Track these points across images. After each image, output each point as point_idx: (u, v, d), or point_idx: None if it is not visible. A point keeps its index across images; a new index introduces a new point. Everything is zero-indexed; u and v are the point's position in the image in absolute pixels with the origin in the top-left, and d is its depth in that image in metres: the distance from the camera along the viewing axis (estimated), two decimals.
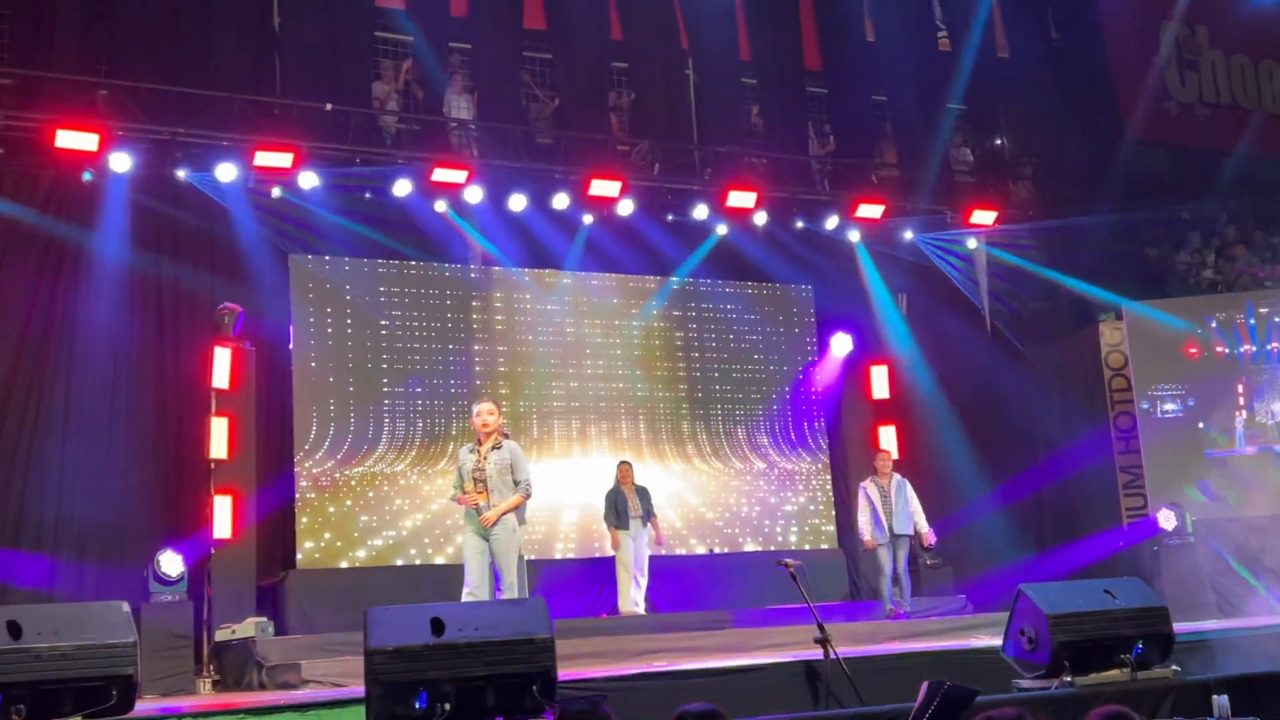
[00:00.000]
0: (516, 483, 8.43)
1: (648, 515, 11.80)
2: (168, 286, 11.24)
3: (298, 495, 11.63)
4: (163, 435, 11.09)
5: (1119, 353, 14.05)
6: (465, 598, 8.27)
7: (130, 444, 10.84)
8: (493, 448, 8.44)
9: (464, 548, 8.56)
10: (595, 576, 12.27)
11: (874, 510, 11.61)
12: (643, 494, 11.90)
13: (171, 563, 10.07)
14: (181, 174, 11.13)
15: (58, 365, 10.72)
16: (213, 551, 10.66)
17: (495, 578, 8.35)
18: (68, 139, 10.43)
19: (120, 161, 10.71)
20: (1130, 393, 13.88)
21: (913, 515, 11.69)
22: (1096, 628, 6.68)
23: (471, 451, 8.52)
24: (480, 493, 8.36)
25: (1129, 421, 13.88)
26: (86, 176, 10.77)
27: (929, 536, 11.81)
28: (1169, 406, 13.83)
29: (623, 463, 12.06)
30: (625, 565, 11.64)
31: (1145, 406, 13.80)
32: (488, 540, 8.34)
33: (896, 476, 11.83)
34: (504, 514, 8.33)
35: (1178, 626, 7.08)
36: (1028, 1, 14.84)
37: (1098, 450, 13.95)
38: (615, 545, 11.66)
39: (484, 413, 8.52)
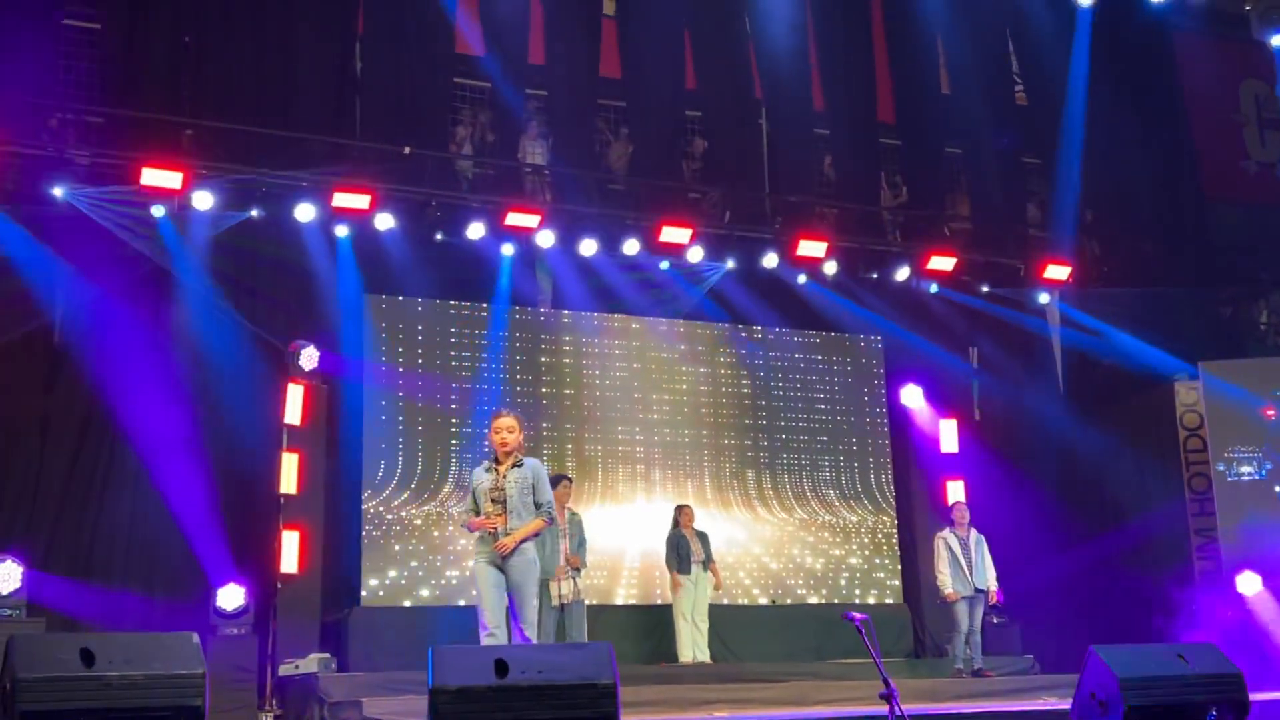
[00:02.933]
0: (538, 505, 7.51)
1: (708, 560, 11.73)
2: (244, 323, 11.41)
3: (364, 532, 11.71)
4: (234, 469, 11.23)
5: (1194, 413, 13.81)
6: (485, 642, 7.32)
7: (202, 477, 10.97)
8: (513, 465, 7.52)
9: (477, 583, 7.57)
10: (657, 623, 12.20)
11: (955, 561, 11.41)
12: (703, 539, 11.83)
13: (230, 597, 10.17)
14: (261, 213, 11.33)
15: (134, 397, 10.88)
16: (279, 586, 10.76)
17: (512, 616, 7.45)
18: (153, 177, 10.68)
19: (202, 199, 10.95)
20: (1206, 454, 13.62)
21: (986, 571, 11.52)
22: (1169, 693, 6.52)
23: (488, 470, 7.57)
24: (498, 515, 7.42)
25: (1204, 484, 13.61)
26: (158, 212, 10.98)
27: (996, 595, 11.62)
28: (1245, 469, 13.55)
29: (685, 507, 11.99)
30: (684, 614, 11.55)
31: (1221, 468, 13.53)
32: (503, 571, 7.44)
33: (974, 530, 11.66)
34: (523, 540, 7.43)
35: (1254, 695, 6.91)
36: (1106, 57, 14.74)
37: (1171, 512, 13.68)
38: (676, 589, 11.57)
39: (502, 429, 7.53)
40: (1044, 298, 14.29)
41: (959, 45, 14.61)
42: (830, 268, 13.32)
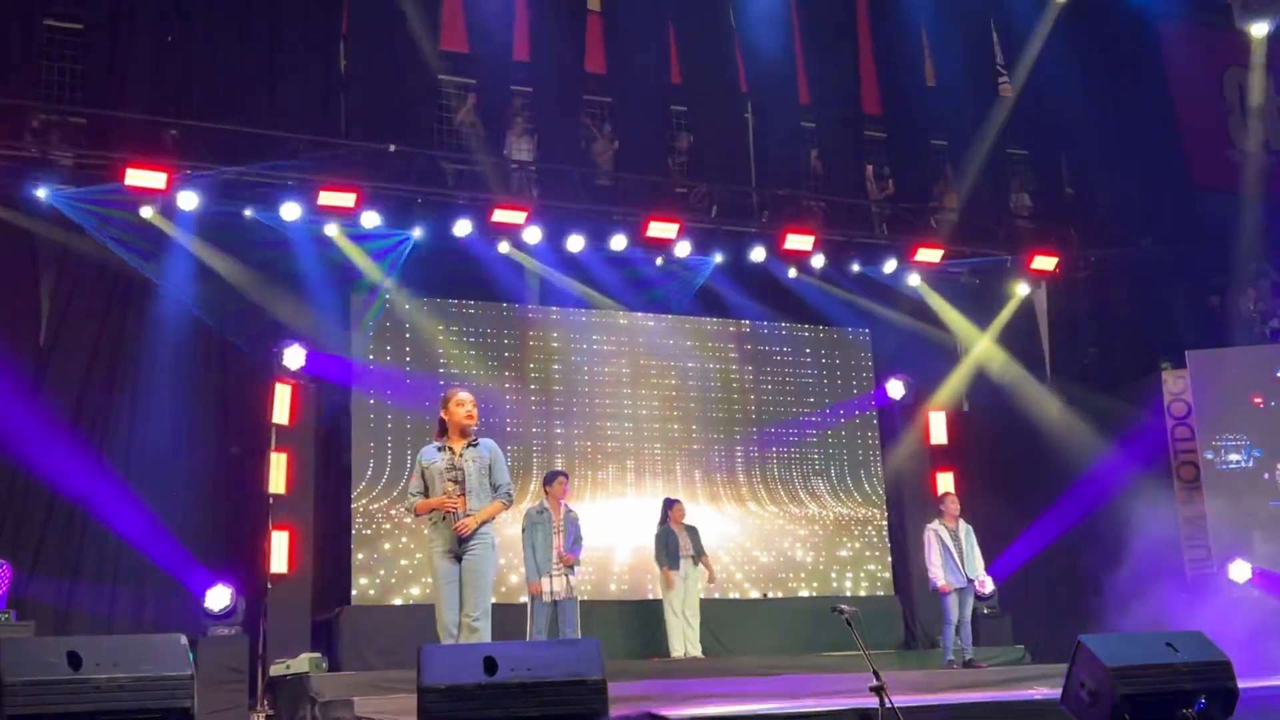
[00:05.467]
0: (495, 487, 7.20)
1: (698, 554, 11.71)
2: (231, 322, 11.39)
3: (354, 531, 11.70)
4: (223, 469, 11.22)
5: (1182, 401, 13.83)
6: (444, 642, 6.99)
7: (191, 477, 10.97)
8: (469, 445, 7.23)
9: (434, 581, 7.16)
10: (648, 618, 12.20)
11: (946, 553, 11.42)
12: (692, 533, 11.81)
13: (216, 598, 10.16)
14: (248, 213, 11.30)
15: (121, 398, 10.91)
16: (269, 586, 10.76)
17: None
18: (137, 177, 10.65)
19: (187, 199, 10.91)
20: (1194, 442, 13.64)
21: (976, 561, 11.53)
22: (1159, 681, 6.52)
23: (441, 449, 7.24)
24: (457, 496, 7.11)
25: (1192, 472, 13.64)
26: (146, 213, 10.96)
27: (981, 584, 11.62)
28: (1234, 457, 13.57)
29: (676, 502, 11.97)
30: (674, 608, 11.55)
31: (1209, 456, 13.56)
32: (460, 558, 7.07)
33: (962, 521, 11.67)
34: (483, 522, 7.11)
35: (1243, 683, 6.92)
36: (1092, 46, 14.76)
37: (1160, 501, 13.71)
38: (669, 585, 11.56)
39: (468, 403, 7.23)
40: (1023, 288, 14.31)
41: (943, 37, 14.64)
42: (818, 261, 13.33)
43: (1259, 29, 11.81)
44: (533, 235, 12.21)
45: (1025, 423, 13.95)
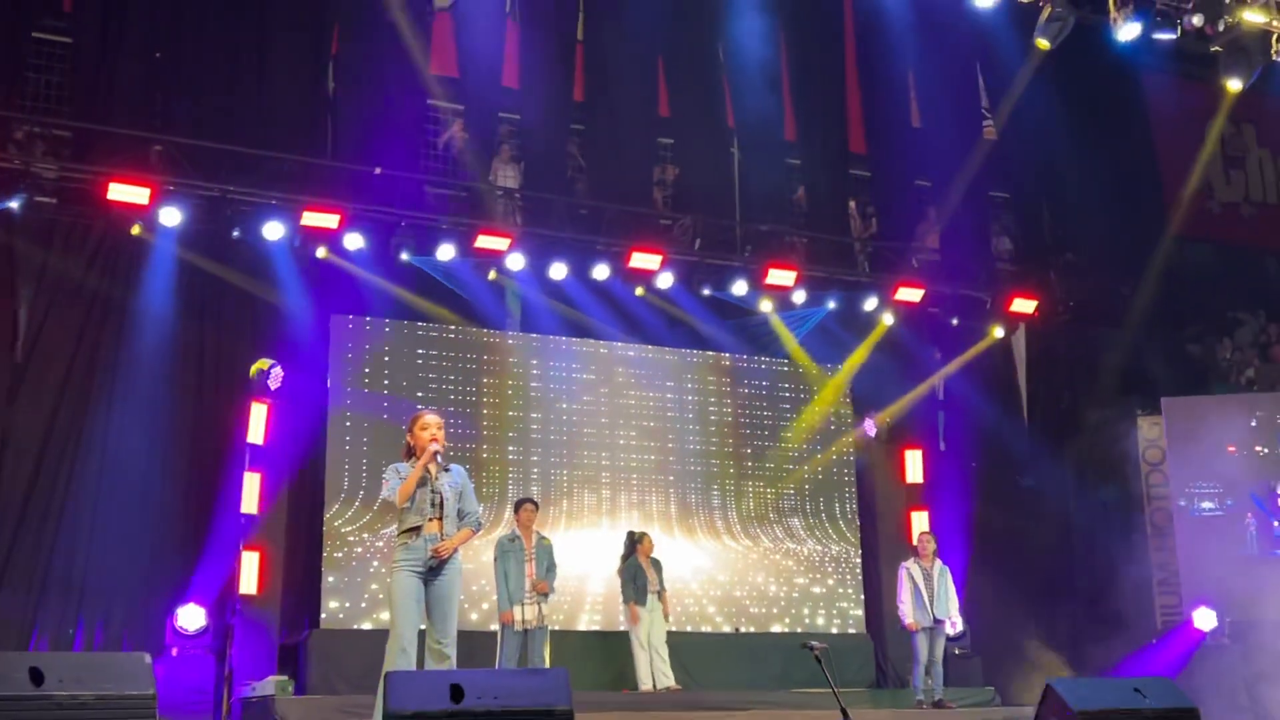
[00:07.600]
0: (464, 515, 7.07)
1: (662, 589, 11.65)
2: (209, 341, 11.35)
3: (325, 553, 11.62)
4: (196, 488, 11.14)
5: (1156, 448, 13.90)
6: (398, 658, 6.79)
7: (163, 496, 10.89)
8: (442, 469, 7.10)
9: (397, 595, 6.89)
10: (619, 649, 12.13)
11: (917, 592, 11.41)
12: (658, 567, 11.75)
13: (191, 617, 10.09)
14: (236, 234, 11.28)
15: (96, 414, 10.83)
16: (238, 607, 10.66)
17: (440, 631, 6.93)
18: (120, 192, 10.62)
19: (170, 216, 10.89)
20: (1167, 489, 13.70)
21: (949, 602, 11.52)
22: None
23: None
24: (433, 519, 6.97)
25: (1165, 519, 13.69)
26: (135, 230, 10.94)
27: (952, 625, 11.63)
28: (1207, 505, 13.63)
29: (645, 535, 11.89)
30: (642, 643, 11.48)
31: (1182, 504, 13.61)
32: (428, 583, 6.92)
33: (939, 561, 11.67)
34: (457, 546, 7.00)
35: None
36: (1076, 93, 14.89)
37: (1133, 547, 13.76)
38: (635, 621, 11.49)
39: (432, 425, 7.05)
40: (998, 331, 14.37)
41: (929, 79, 14.75)
42: (799, 296, 13.38)
43: (1234, 84, 11.95)
44: (515, 262, 12.21)
45: (1001, 465, 14.00)
